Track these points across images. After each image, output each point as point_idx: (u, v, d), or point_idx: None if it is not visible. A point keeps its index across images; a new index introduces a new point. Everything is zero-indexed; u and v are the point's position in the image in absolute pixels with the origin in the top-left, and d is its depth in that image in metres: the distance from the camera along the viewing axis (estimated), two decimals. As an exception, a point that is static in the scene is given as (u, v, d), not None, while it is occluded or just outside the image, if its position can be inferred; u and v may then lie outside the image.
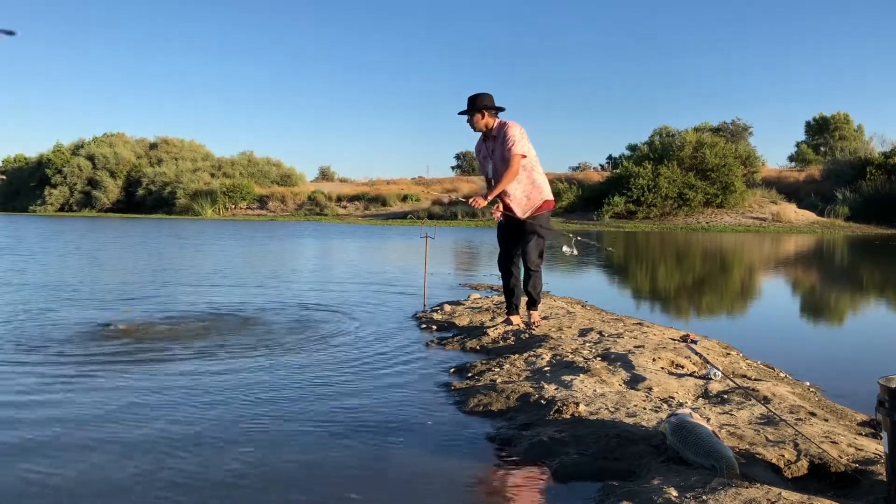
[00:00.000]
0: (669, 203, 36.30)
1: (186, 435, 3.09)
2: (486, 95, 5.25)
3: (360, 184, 56.20)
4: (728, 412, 3.14)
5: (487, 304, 6.71)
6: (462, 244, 20.54)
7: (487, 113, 5.23)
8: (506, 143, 5.19)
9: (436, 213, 41.68)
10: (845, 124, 50.32)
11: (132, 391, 3.78)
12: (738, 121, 48.45)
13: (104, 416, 3.33)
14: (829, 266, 15.01)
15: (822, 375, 4.45)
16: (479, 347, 5.01)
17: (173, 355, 4.67)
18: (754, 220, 35.24)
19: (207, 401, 3.61)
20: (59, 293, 7.78)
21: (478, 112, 5.21)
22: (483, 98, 5.22)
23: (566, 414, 3.17)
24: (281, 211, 49.38)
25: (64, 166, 56.53)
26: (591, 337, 4.97)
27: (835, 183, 37.31)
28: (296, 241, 21.89)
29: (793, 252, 19.17)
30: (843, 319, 7.72)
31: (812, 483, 2.43)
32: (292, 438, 3.08)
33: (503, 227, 5.53)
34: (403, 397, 3.76)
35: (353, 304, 7.30)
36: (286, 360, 4.60)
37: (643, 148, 40.34)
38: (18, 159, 66.53)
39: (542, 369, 4.09)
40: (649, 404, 3.29)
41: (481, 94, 5.24)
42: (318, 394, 3.79)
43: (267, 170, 56.33)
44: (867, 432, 3.12)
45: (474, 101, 5.21)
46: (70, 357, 4.60)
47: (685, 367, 4.17)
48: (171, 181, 52.58)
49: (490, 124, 5.27)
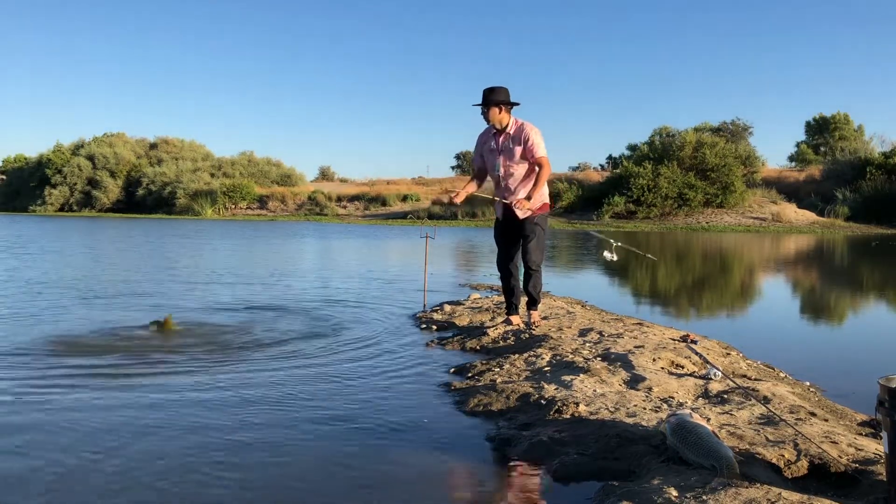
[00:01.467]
0: (669, 203, 36.30)
1: (185, 438, 3.09)
2: (502, 90, 5.20)
3: (360, 184, 56.23)
4: (728, 412, 3.14)
5: (487, 304, 6.71)
6: (462, 244, 20.54)
7: (504, 108, 5.20)
8: (530, 146, 5.18)
9: (436, 213, 41.70)
10: (845, 124, 50.32)
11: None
12: (738, 121, 48.49)
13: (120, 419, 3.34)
14: (829, 266, 15.01)
15: (822, 375, 4.45)
16: (479, 347, 5.01)
17: (164, 365, 4.67)
18: (754, 220, 35.24)
19: (206, 398, 3.62)
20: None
21: (495, 106, 5.17)
22: (500, 92, 5.17)
23: (566, 414, 3.17)
24: (281, 211, 49.39)
25: (64, 166, 56.55)
26: (591, 337, 4.97)
27: (835, 183, 37.32)
28: (296, 241, 21.89)
29: (793, 252, 19.16)
30: (843, 319, 7.72)
31: (812, 483, 2.43)
32: (292, 438, 3.07)
33: (501, 227, 5.49)
34: (403, 397, 3.76)
35: (354, 304, 7.30)
36: (286, 359, 4.60)
37: (643, 148, 40.35)
38: (18, 159, 66.54)
39: (542, 369, 4.09)
40: (649, 404, 3.28)
41: (498, 87, 5.18)
42: (317, 393, 3.79)
43: (267, 170, 56.33)
44: (867, 432, 3.12)
45: (491, 94, 5.16)
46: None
47: (685, 367, 4.17)
48: (172, 181, 52.59)
49: (505, 121, 5.22)
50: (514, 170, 5.27)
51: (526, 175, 5.28)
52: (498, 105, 5.16)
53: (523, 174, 5.29)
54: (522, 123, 5.25)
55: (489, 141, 5.36)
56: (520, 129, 5.23)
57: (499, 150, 5.29)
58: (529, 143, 5.18)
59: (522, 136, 5.21)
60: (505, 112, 5.21)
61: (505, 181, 5.32)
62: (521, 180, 5.29)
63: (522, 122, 5.26)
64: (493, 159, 5.33)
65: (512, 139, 5.24)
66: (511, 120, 5.25)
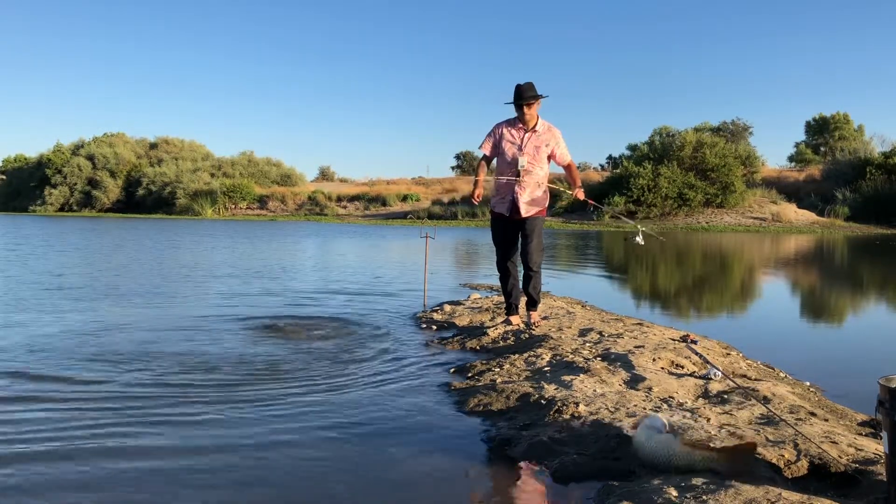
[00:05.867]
0: (669, 203, 36.30)
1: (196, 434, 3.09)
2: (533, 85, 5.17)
3: (360, 184, 56.27)
4: (728, 412, 3.14)
5: (487, 304, 6.71)
6: (462, 244, 20.54)
7: (537, 105, 5.21)
8: (561, 151, 5.30)
9: (436, 213, 41.70)
10: (845, 124, 50.30)
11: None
12: (738, 121, 48.54)
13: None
14: (829, 266, 15.01)
15: (822, 375, 4.45)
16: (479, 347, 5.01)
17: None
18: (754, 220, 35.24)
19: (206, 393, 3.61)
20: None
21: (535, 101, 5.16)
22: (533, 88, 5.14)
23: (566, 414, 3.17)
24: (281, 211, 49.39)
25: (64, 166, 56.56)
26: (591, 337, 4.97)
27: (835, 183, 37.32)
28: (296, 241, 21.88)
29: (793, 252, 19.16)
30: (843, 319, 7.72)
31: (812, 483, 2.43)
32: (291, 437, 3.08)
33: (501, 227, 5.46)
34: (403, 397, 3.76)
35: (354, 303, 7.30)
36: (285, 358, 4.60)
37: (643, 148, 40.34)
38: (18, 159, 66.55)
39: (542, 369, 4.09)
40: (649, 404, 3.28)
41: (530, 83, 5.15)
42: (317, 393, 3.79)
43: (267, 170, 56.34)
44: (867, 432, 3.12)
45: (530, 90, 5.11)
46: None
47: (685, 367, 4.17)
48: (172, 181, 52.61)
49: (535, 118, 5.25)
50: (535, 168, 5.26)
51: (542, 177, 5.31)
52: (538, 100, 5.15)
53: (541, 175, 5.30)
54: (550, 125, 5.30)
55: (512, 134, 5.28)
56: (549, 130, 5.28)
57: (522, 147, 5.24)
58: (560, 148, 5.28)
59: (552, 139, 5.26)
60: (536, 108, 5.21)
61: (523, 178, 5.24)
62: (537, 180, 5.28)
63: (549, 124, 5.30)
64: (515, 154, 5.25)
65: (539, 138, 5.25)
66: (538, 118, 5.27)
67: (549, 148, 5.27)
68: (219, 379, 4.07)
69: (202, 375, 4.14)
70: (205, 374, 4.17)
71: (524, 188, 5.25)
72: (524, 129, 5.24)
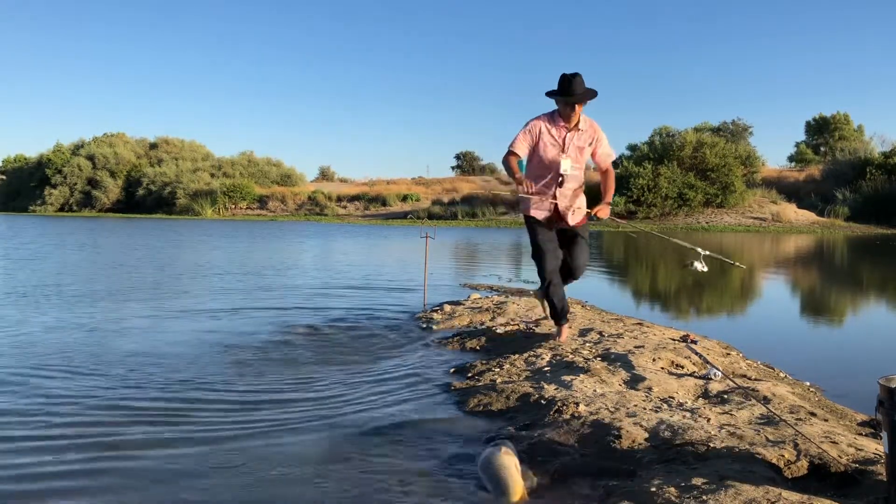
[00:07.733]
0: (669, 203, 36.31)
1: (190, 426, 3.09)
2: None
3: (360, 184, 56.26)
4: (728, 412, 3.14)
5: (487, 305, 6.71)
6: (462, 244, 20.54)
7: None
8: (606, 152, 4.63)
9: (436, 213, 41.72)
10: (845, 124, 50.29)
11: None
12: (738, 121, 48.49)
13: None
14: (829, 266, 15.01)
15: (822, 375, 4.45)
16: (479, 347, 5.01)
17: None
18: (754, 220, 35.25)
19: (205, 391, 3.61)
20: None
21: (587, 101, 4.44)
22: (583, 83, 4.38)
23: (566, 414, 3.17)
24: (281, 211, 49.40)
25: (64, 166, 56.57)
26: (591, 337, 4.97)
27: (835, 183, 37.33)
28: (296, 241, 21.88)
29: (793, 252, 19.16)
30: (843, 319, 7.72)
31: (812, 483, 2.43)
32: (290, 437, 3.08)
33: (543, 235, 4.67)
34: (403, 397, 3.76)
35: (354, 303, 7.30)
36: (284, 358, 4.60)
37: (643, 148, 40.35)
38: (18, 159, 66.56)
39: (542, 369, 4.09)
40: (649, 404, 3.28)
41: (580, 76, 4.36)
42: (317, 393, 3.79)
43: (267, 170, 56.36)
44: (867, 432, 3.12)
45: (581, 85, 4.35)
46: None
47: (685, 367, 4.17)
48: (172, 181, 52.61)
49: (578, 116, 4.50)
50: (578, 171, 4.61)
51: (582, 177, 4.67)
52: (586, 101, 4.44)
53: (581, 179, 4.66)
54: (591, 120, 4.58)
55: (553, 132, 4.50)
56: (591, 126, 4.55)
57: (566, 148, 4.50)
58: (602, 146, 4.58)
59: (594, 136, 4.56)
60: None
61: (564, 182, 4.56)
62: (579, 182, 4.65)
63: (591, 119, 4.57)
64: (556, 157, 4.50)
65: (582, 137, 4.53)
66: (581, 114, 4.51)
67: (592, 147, 4.57)
68: (218, 379, 4.07)
69: (197, 375, 4.14)
70: (202, 374, 4.17)
71: (565, 194, 4.58)
72: (566, 127, 4.47)
